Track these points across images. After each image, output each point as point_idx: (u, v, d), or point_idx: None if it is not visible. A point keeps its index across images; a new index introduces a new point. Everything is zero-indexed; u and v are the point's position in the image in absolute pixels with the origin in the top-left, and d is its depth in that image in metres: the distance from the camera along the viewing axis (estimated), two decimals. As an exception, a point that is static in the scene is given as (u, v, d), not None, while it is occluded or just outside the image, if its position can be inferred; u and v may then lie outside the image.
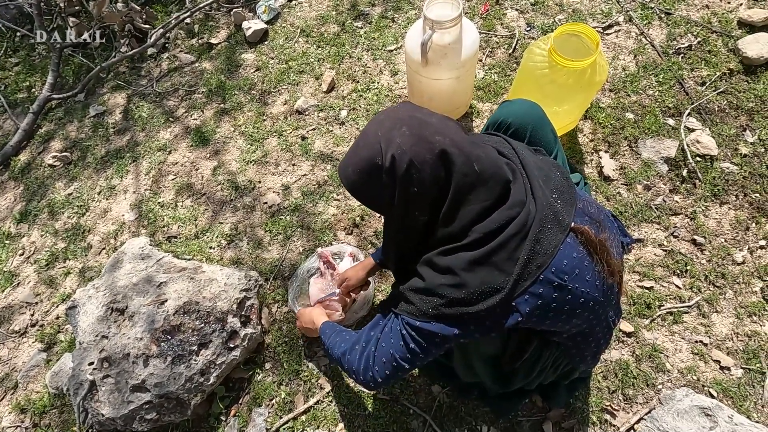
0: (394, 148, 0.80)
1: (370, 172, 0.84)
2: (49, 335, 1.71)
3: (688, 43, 1.84)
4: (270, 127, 1.98)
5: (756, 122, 1.66)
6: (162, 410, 1.33)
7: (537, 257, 0.81)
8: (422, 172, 0.80)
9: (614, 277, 0.90)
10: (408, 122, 0.82)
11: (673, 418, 1.26)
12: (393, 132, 0.82)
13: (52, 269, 1.87)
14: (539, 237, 0.82)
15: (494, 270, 0.81)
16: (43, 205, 2.02)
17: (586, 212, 0.91)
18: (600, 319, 0.95)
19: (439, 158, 0.80)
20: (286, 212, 1.78)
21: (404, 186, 0.81)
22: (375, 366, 0.95)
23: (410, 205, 0.84)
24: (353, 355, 1.00)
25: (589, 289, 0.86)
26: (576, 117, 1.68)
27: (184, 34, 2.38)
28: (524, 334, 0.98)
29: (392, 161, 0.80)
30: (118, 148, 2.09)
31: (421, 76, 1.58)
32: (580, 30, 1.40)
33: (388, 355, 0.92)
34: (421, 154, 0.80)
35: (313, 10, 2.28)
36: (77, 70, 2.41)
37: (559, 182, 0.91)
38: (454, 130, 0.84)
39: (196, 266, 1.51)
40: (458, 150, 0.81)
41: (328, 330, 1.17)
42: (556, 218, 0.84)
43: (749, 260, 1.50)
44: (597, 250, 0.86)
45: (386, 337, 0.93)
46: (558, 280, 0.82)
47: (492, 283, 0.81)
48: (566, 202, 0.88)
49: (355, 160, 0.86)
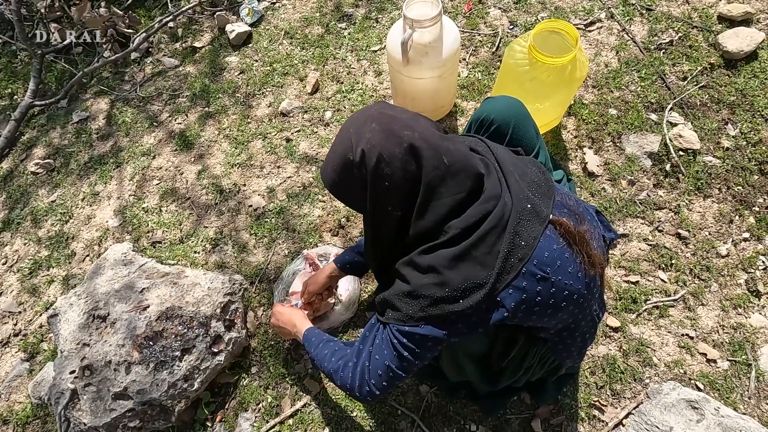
0: (363, 143, 0.81)
1: (343, 167, 0.84)
2: (32, 344, 1.69)
3: (670, 38, 1.85)
4: (254, 130, 1.97)
5: (737, 116, 1.67)
6: (145, 417, 1.31)
7: (518, 250, 0.81)
8: (392, 166, 0.80)
9: (595, 269, 0.90)
10: (378, 118, 0.83)
11: (661, 412, 1.26)
12: (363, 128, 0.82)
13: (36, 277, 1.84)
14: (518, 230, 0.81)
15: (476, 265, 0.81)
16: (25, 213, 2.00)
17: (564, 205, 0.91)
18: (585, 313, 0.95)
19: (408, 152, 0.80)
20: (271, 215, 1.77)
21: (375, 180, 0.81)
22: (371, 380, 0.93)
23: (382, 200, 0.83)
24: (346, 372, 0.97)
25: (572, 281, 0.85)
26: (559, 114, 1.68)
27: (168, 38, 2.36)
28: (511, 331, 0.97)
29: (362, 156, 0.81)
30: (102, 153, 2.07)
31: (403, 75, 1.58)
32: (560, 27, 1.40)
33: (383, 366, 0.91)
34: (389, 148, 0.80)
35: (297, 11, 2.27)
36: (60, 76, 2.38)
37: (535, 176, 0.91)
38: (423, 126, 0.84)
39: (179, 271, 1.49)
40: (426, 143, 0.81)
41: (314, 339, 1.12)
42: (534, 210, 0.84)
43: (733, 253, 1.50)
44: (576, 241, 0.86)
45: (378, 349, 0.91)
46: (540, 272, 0.82)
47: (474, 279, 0.80)
48: (543, 195, 0.88)
49: (332, 157, 0.87)
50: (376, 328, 0.94)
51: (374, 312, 0.98)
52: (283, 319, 1.27)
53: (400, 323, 0.86)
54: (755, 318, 1.41)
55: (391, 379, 0.92)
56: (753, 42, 1.72)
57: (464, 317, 0.83)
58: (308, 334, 1.15)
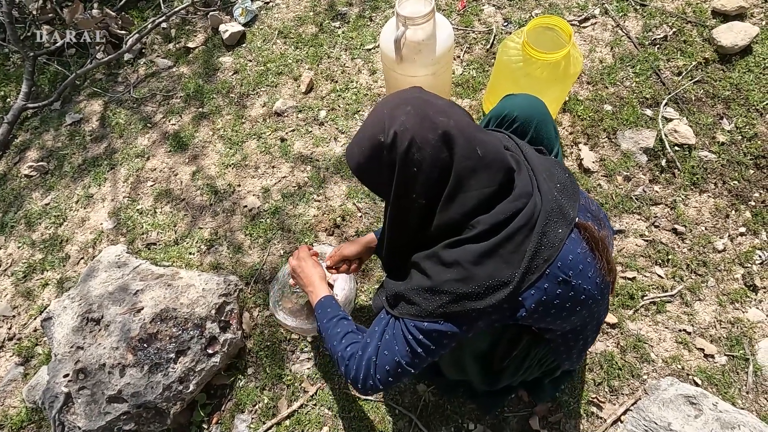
0: (397, 125, 0.79)
1: (372, 149, 0.82)
2: (27, 348, 1.67)
3: (664, 33, 1.85)
4: (249, 130, 1.96)
5: (732, 110, 1.67)
6: (140, 420, 1.30)
7: (543, 251, 0.79)
8: (423, 152, 0.78)
9: (611, 276, 0.89)
10: (413, 102, 0.81)
11: (659, 408, 1.25)
12: (398, 110, 0.80)
13: (30, 281, 1.83)
14: (546, 230, 0.80)
15: (502, 263, 0.79)
16: (19, 217, 1.98)
17: (588, 209, 0.90)
18: (593, 317, 0.94)
19: (441, 139, 0.78)
20: (266, 215, 1.76)
21: (404, 165, 0.79)
22: (377, 375, 0.91)
23: (409, 186, 0.81)
24: (352, 362, 0.94)
25: (590, 286, 0.85)
26: (554, 110, 1.67)
27: (161, 38, 2.35)
28: (517, 331, 0.96)
29: (394, 138, 0.79)
30: (96, 156, 2.06)
31: (397, 73, 1.57)
32: (553, 22, 1.40)
33: (393, 362, 0.88)
34: (423, 133, 0.78)
35: (291, 11, 2.26)
36: (53, 78, 2.37)
37: (562, 178, 0.89)
38: (459, 114, 0.82)
39: (173, 272, 1.48)
40: (461, 132, 0.79)
41: (330, 309, 1.07)
42: (561, 212, 0.82)
43: (730, 247, 1.50)
44: (599, 246, 0.85)
45: (388, 344, 0.89)
46: (563, 275, 0.81)
47: (499, 277, 0.79)
48: (570, 197, 0.87)
49: (360, 137, 0.85)
50: (385, 323, 0.91)
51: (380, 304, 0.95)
52: (305, 272, 1.19)
53: (417, 319, 0.84)
54: (752, 312, 1.41)
55: (399, 375, 0.89)
56: (747, 36, 1.71)
57: (485, 315, 0.81)
58: (324, 302, 1.10)
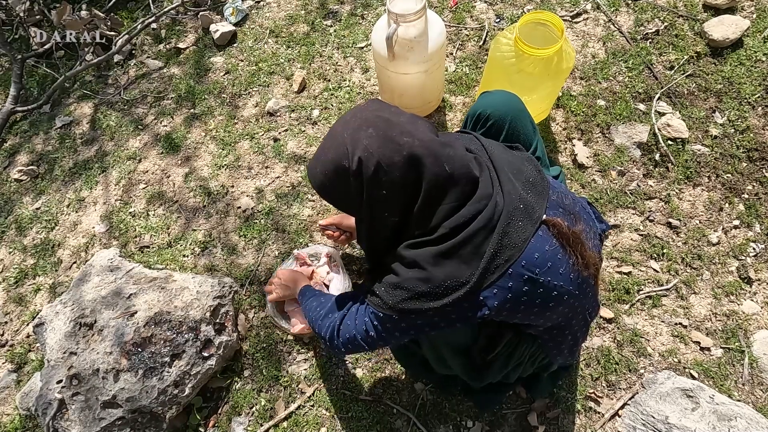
0: (360, 151, 0.78)
1: (336, 173, 0.82)
2: (20, 355, 1.65)
3: (656, 28, 1.85)
4: (241, 131, 1.94)
5: (725, 104, 1.68)
6: (136, 425, 1.29)
7: (505, 251, 0.80)
8: (390, 174, 0.78)
9: (589, 270, 0.89)
10: (374, 122, 0.80)
11: (656, 402, 1.26)
12: (360, 133, 0.79)
13: (22, 287, 1.81)
14: (507, 230, 0.80)
15: (460, 264, 0.80)
16: (10, 222, 1.96)
17: (560, 204, 0.89)
18: (576, 313, 0.94)
19: (408, 161, 0.78)
20: (261, 216, 1.74)
21: (372, 188, 0.80)
22: (339, 338, 0.99)
23: (379, 207, 0.82)
24: (324, 322, 1.04)
25: (563, 282, 0.85)
26: (547, 106, 1.67)
27: (151, 39, 2.33)
28: (495, 326, 0.97)
29: (359, 164, 0.78)
30: (87, 159, 2.03)
31: (390, 71, 1.56)
32: (545, 18, 1.39)
33: (351, 334, 0.96)
34: (388, 156, 0.78)
35: (282, 10, 2.24)
36: (41, 81, 2.34)
37: (530, 174, 0.89)
38: (422, 130, 0.82)
39: (167, 275, 1.46)
40: (428, 151, 0.79)
41: (307, 292, 1.22)
42: (526, 211, 0.82)
43: (724, 240, 1.50)
44: (570, 242, 0.85)
45: (351, 316, 0.97)
46: (529, 273, 0.81)
47: (458, 277, 0.80)
48: (538, 194, 0.87)
49: (323, 161, 0.84)
50: (359, 299, 0.98)
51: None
52: (285, 277, 1.35)
53: (378, 308, 0.89)
54: (747, 305, 1.41)
55: (356, 346, 0.97)
56: (738, 29, 1.72)
57: (443, 313, 0.83)
58: (303, 290, 1.25)
